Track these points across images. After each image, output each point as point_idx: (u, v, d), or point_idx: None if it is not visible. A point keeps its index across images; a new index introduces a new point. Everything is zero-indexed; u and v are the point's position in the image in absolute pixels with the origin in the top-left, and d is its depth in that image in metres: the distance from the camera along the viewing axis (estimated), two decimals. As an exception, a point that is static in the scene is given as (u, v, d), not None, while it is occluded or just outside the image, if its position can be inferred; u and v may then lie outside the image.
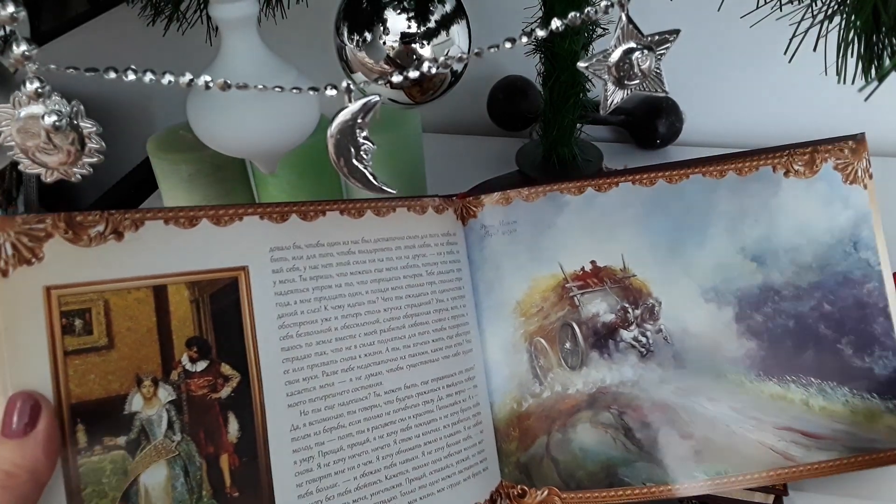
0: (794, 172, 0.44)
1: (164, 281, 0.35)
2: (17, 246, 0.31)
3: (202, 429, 0.35)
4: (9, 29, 0.26)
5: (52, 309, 0.32)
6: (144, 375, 0.34)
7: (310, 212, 0.40)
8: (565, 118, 0.60)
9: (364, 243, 0.41)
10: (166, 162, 0.59)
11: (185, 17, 0.57)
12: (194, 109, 0.40)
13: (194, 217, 0.36)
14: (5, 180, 0.73)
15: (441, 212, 0.45)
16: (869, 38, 0.37)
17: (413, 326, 0.42)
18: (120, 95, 0.93)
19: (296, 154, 0.48)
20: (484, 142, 0.84)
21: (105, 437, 0.33)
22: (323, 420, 0.38)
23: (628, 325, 0.44)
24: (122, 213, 0.34)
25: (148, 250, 0.35)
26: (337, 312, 0.39)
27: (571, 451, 0.43)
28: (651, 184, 0.45)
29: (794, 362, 0.42)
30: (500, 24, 0.47)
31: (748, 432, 0.42)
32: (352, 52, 0.39)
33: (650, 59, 0.33)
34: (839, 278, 0.43)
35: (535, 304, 0.45)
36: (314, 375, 0.38)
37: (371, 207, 0.42)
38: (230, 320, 0.37)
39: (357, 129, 0.32)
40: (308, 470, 0.37)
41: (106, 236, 0.33)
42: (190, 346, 0.35)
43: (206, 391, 0.36)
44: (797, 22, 0.39)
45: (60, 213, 0.32)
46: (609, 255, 0.45)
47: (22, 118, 0.28)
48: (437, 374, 0.42)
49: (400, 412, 0.41)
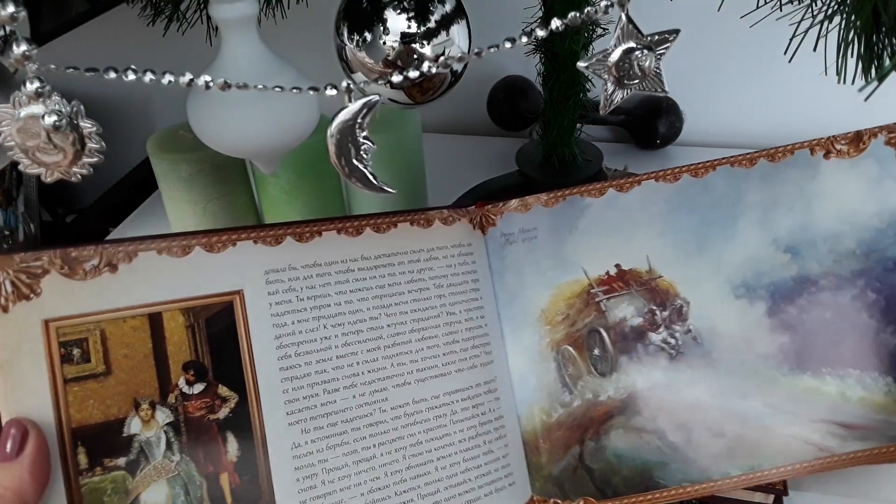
0: (835, 153, 0.41)
1: (159, 308, 0.36)
2: (15, 283, 0.33)
3: (201, 449, 0.36)
4: (9, 29, 0.26)
5: (50, 340, 0.34)
6: (142, 399, 0.35)
7: (305, 233, 0.40)
8: (565, 118, 0.60)
9: (364, 260, 0.41)
10: (166, 162, 0.59)
11: (185, 17, 0.57)
12: (194, 109, 0.40)
13: (187, 245, 0.37)
14: (5, 180, 0.73)
15: (450, 223, 0.44)
16: (869, 38, 0.37)
17: (420, 341, 0.42)
18: (120, 95, 0.93)
19: (296, 154, 0.48)
20: (484, 142, 0.84)
21: (105, 458, 0.34)
22: (326, 437, 0.38)
23: (657, 328, 0.43)
24: (116, 247, 0.35)
25: (142, 280, 0.36)
26: (337, 330, 0.40)
27: (606, 459, 0.42)
28: (675, 179, 0.44)
29: (830, 354, 0.41)
30: (500, 24, 0.47)
31: (782, 427, 0.41)
32: (352, 52, 0.39)
33: (650, 59, 0.33)
34: (888, 264, 0.41)
35: (560, 311, 0.44)
36: (315, 393, 0.38)
37: (370, 224, 0.42)
38: (226, 343, 0.37)
39: (357, 128, 0.32)
40: (312, 487, 0.37)
41: (101, 269, 0.35)
42: (186, 369, 0.37)
43: (204, 412, 0.36)
44: (797, 22, 0.39)
45: (56, 250, 0.34)
46: (633, 257, 0.44)
47: (22, 118, 0.28)
48: (450, 387, 0.42)
49: (409, 427, 0.40)
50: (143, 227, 0.73)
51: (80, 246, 0.35)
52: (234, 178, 0.62)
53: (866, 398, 0.40)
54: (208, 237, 0.38)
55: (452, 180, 0.69)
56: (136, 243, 0.36)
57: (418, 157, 0.64)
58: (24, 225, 0.77)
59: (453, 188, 0.67)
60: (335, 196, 0.63)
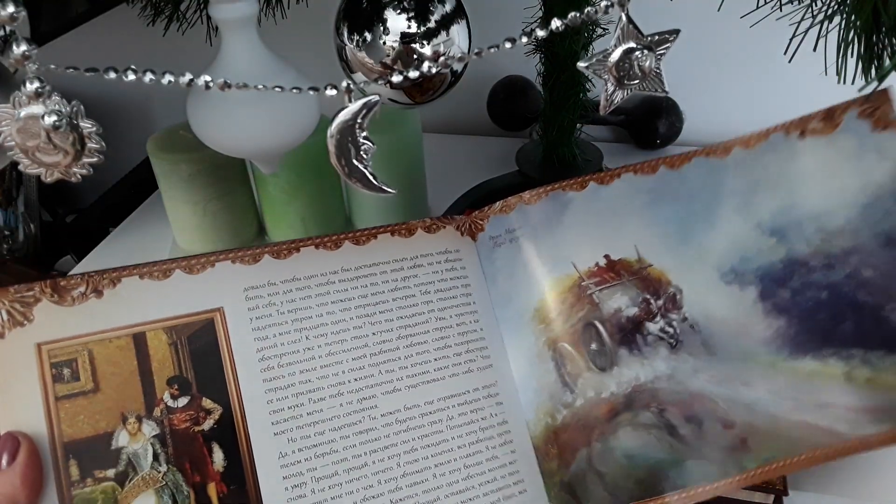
0: (810, 132, 0.41)
1: (143, 328, 0.38)
2: (11, 312, 0.36)
3: (188, 459, 0.37)
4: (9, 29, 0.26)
5: (42, 362, 0.37)
6: (129, 413, 0.37)
7: (283, 250, 0.42)
8: (565, 118, 0.60)
9: (344, 272, 0.42)
10: (166, 162, 0.59)
11: (185, 17, 0.57)
12: (194, 109, 0.40)
13: (168, 269, 0.40)
14: (5, 180, 0.73)
15: (434, 231, 0.45)
16: (869, 38, 0.37)
17: (409, 347, 0.42)
18: (120, 96, 0.93)
19: (296, 154, 0.48)
20: (484, 142, 0.84)
21: (95, 470, 0.36)
22: (313, 446, 0.39)
23: (653, 317, 0.42)
24: (101, 274, 0.39)
25: (126, 303, 0.39)
26: (320, 341, 0.40)
27: (616, 461, 0.40)
28: (653, 171, 0.44)
29: (831, 335, 0.40)
30: (500, 24, 0.47)
31: (788, 414, 0.39)
32: (352, 52, 0.39)
33: (650, 59, 0.33)
34: (881, 240, 0.40)
35: (553, 308, 0.43)
36: (300, 403, 0.39)
37: (349, 238, 0.43)
38: (209, 358, 0.39)
39: (357, 128, 0.32)
40: (301, 496, 0.38)
41: (87, 295, 0.38)
42: (171, 384, 0.38)
43: (189, 424, 0.38)
44: (797, 22, 0.39)
45: (46, 281, 0.37)
46: (622, 247, 0.43)
47: (22, 118, 0.28)
48: (445, 393, 0.41)
49: (402, 434, 0.40)
50: (143, 227, 0.73)
51: (68, 277, 0.38)
52: (234, 178, 0.62)
53: (875, 379, 0.39)
54: (188, 261, 0.40)
55: (452, 180, 0.69)
56: (119, 271, 0.39)
57: (418, 157, 0.64)
58: (24, 225, 0.77)
59: (453, 188, 0.67)
60: (335, 196, 0.63)
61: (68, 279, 0.38)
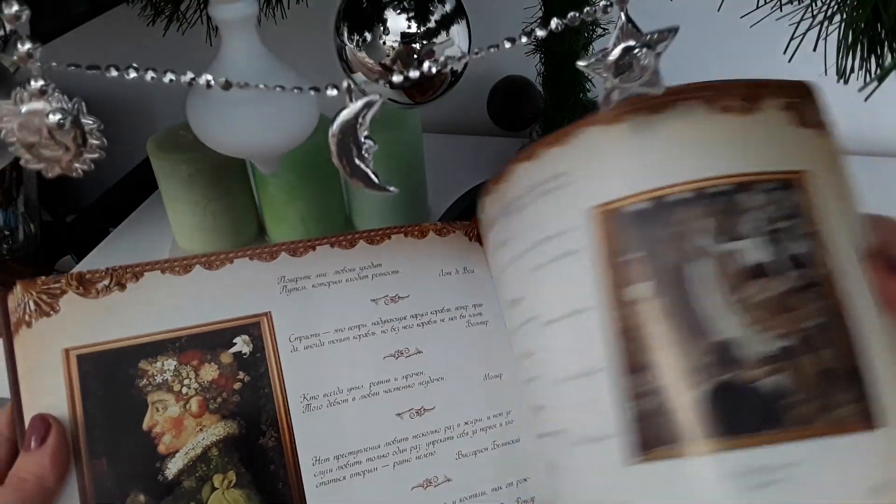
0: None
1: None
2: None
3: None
4: (10, 28, 0.26)
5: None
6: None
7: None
8: (565, 118, 0.60)
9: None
10: (166, 162, 0.59)
11: (185, 17, 0.57)
12: (194, 109, 0.40)
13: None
14: (5, 180, 0.73)
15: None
16: (869, 38, 0.37)
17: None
18: (120, 96, 0.93)
19: (296, 154, 0.48)
20: (484, 142, 0.84)
21: None
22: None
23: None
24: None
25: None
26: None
27: None
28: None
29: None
30: (500, 24, 0.47)
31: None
32: (352, 52, 0.39)
33: (649, 58, 0.33)
34: None
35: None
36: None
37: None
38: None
39: (359, 127, 0.32)
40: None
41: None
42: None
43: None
44: (797, 22, 0.39)
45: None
46: None
47: (24, 114, 0.28)
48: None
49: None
50: (143, 227, 0.73)
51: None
52: (234, 178, 0.62)
53: None
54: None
55: (452, 180, 0.69)
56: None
57: (418, 157, 0.64)
58: (24, 225, 0.77)
59: (453, 188, 0.67)
60: (335, 196, 0.63)
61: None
